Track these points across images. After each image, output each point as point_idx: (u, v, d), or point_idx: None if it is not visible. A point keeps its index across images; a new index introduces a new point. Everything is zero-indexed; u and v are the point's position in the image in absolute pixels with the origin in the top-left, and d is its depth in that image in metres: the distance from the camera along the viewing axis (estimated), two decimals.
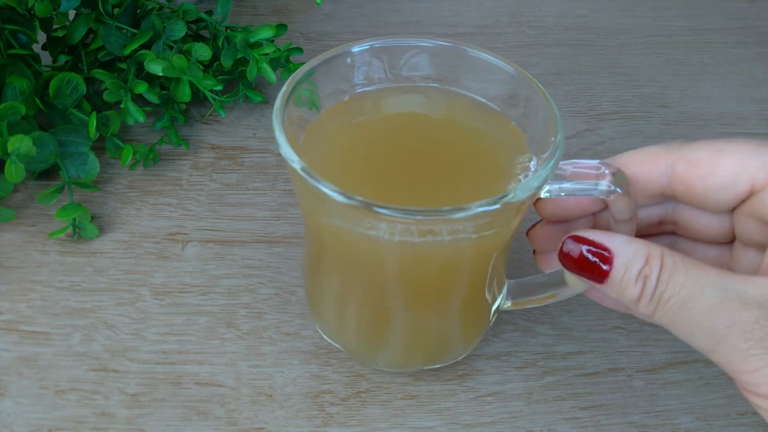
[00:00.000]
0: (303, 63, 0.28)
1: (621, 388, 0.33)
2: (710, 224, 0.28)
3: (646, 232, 0.29)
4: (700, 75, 0.50)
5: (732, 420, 0.32)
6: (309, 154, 0.25)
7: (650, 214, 0.29)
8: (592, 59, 0.51)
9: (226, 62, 0.42)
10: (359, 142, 0.29)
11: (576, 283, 0.28)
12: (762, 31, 0.54)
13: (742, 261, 0.27)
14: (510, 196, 0.23)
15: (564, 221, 0.29)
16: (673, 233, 0.29)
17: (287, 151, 0.25)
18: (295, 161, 0.24)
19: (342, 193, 0.23)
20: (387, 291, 0.28)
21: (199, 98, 0.45)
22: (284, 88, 0.27)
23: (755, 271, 0.25)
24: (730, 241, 0.28)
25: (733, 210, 0.26)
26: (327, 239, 0.28)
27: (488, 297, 0.30)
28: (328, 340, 0.32)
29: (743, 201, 0.26)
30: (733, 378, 0.23)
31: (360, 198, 0.23)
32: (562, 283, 0.29)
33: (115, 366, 0.33)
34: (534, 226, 0.30)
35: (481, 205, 0.23)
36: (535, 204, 0.28)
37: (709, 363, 0.34)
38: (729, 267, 0.28)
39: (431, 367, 0.32)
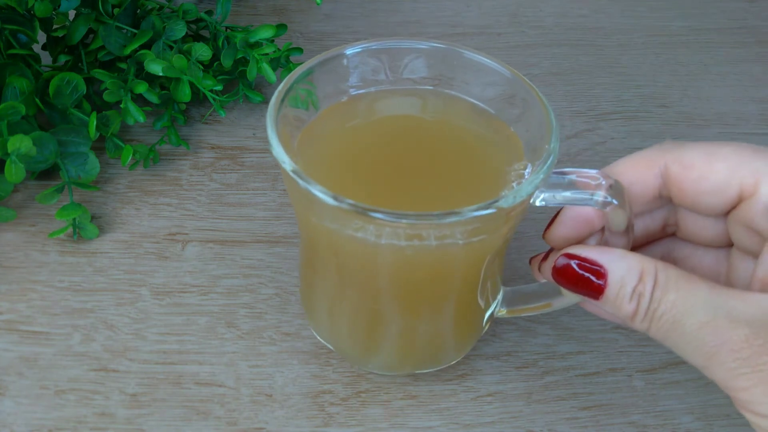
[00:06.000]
0: (303, 63, 0.28)
1: (621, 388, 0.33)
2: (707, 228, 0.27)
3: (652, 238, 0.29)
4: (700, 75, 0.50)
5: (732, 420, 0.32)
6: (304, 156, 0.25)
7: (654, 218, 0.28)
8: (592, 59, 0.51)
9: (226, 62, 0.42)
10: (354, 144, 0.29)
11: (571, 294, 0.28)
12: (762, 31, 0.54)
13: (739, 268, 0.27)
14: (500, 202, 0.23)
15: None
16: (674, 235, 0.29)
17: (278, 152, 0.25)
18: (286, 162, 0.24)
19: (331, 195, 0.23)
20: (376, 294, 0.28)
21: (199, 98, 0.45)
22: (278, 89, 0.27)
23: (750, 280, 0.25)
24: (728, 244, 0.28)
25: (726, 215, 0.26)
26: (318, 240, 0.28)
27: (481, 303, 0.30)
28: (321, 340, 0.32)
29: (734, 207, 0.25)
30: (728, 394, 0.23)
31: (348, 200, 0.23)
32: (557, 292, 0.29)
33: (115, 366, 0.33)
34: (545, 257, 0.29)
35: (470, 211, 0.23)
36: (544, 236, 0.28)
37: None
38: (727, 273, 0.28)
39: (422, 371, 0.32)
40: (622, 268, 0.24)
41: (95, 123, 0.38)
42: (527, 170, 0.27)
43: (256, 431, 0.31)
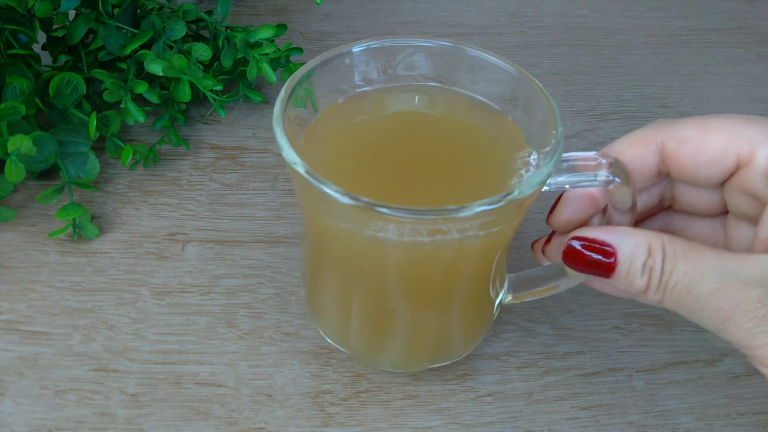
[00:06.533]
0: (303, 63, 0.28)
1: (621, 388, 0.33)
2: (703, 198, 0.28)
3: (650, 213, 0.30)
4: (700, 75, 0.50)
5: (732, 420, 0.32)
6: (310, 156, 0.25)
7: (651, 193, 0.29)
8: (592, 59, 0.51)
9: (226, 62, 0.42)
10: (359, 142, 0.29)
11: (576, 274, 0.28)
12: (762, 31, 0.54)
13: (735, 235, 0.28)
14: (515, 193, 0.24)
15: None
16: (670, 208, 0.30)
17: (290, 154, 0.25)
18: (298, 164, 0.24)
19: (349, 195, 0.23)
20: (392, 291, 0.28)
21: (199, 98, 0.45)
22: (283, 91, 0.27)
23: (749, 246, 0.26)
24: (723, 213, 0.29)
25: (723, 184, 0.27)
26: (330, 241, 0.28)
27: (492, 293, 0.30)
28: (329, 341, 0.32)
29: (731, 175, 0.26)
30: (745, 353, 0.24)
31: (367, 200, 0.23)
32: (562, 273, 0.30)
33: (115, 366, 0.33)
34: (548, 240, 0.30)
35: (487, 203, 0.23)
36: (548, 220, 0.29)
37: (709, 363, 0.34)
38: (724, 241, 0.29)
39: (436, 365, 0.32)
40: (631, 245, 0.25)
41: (95, 123, 0.38)
42: (532, 157, 0.27)
43: (256, 431, 0.31)
